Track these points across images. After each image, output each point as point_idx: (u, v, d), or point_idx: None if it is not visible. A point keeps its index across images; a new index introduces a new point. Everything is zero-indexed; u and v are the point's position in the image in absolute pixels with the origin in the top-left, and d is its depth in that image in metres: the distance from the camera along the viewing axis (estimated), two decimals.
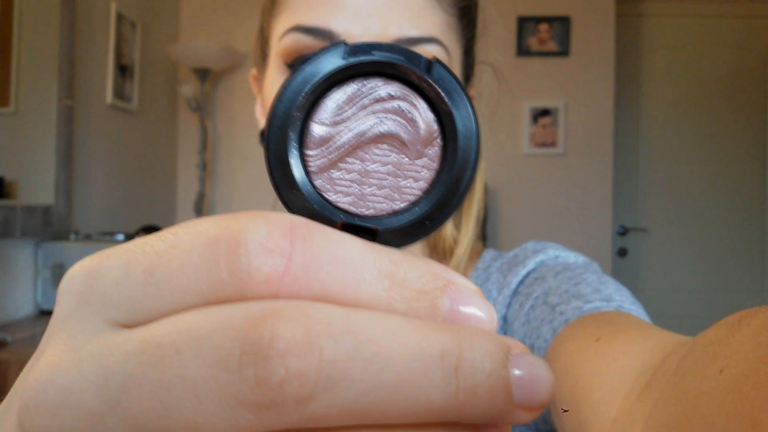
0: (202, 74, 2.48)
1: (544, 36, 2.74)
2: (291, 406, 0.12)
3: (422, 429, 0.13)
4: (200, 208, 2.57)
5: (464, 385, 0.13)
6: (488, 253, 0.60)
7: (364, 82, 0.17)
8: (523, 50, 2.74)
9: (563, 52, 2.73)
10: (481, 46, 0.58)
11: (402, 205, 0.17)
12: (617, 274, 2.91)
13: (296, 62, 0.49)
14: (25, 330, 1.50)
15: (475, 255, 0.60)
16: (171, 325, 0.13)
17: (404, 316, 0.14)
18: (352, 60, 0.17)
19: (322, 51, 0.17)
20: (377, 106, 0.17)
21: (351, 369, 0.12)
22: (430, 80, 0.17)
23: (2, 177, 1.61)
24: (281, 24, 0.51)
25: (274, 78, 0.52)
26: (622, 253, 3.02)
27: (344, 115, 0.17)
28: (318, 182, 0.17)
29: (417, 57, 0.17)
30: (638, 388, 0.27)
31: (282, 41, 0.50)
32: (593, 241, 2.71)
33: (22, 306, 1.67)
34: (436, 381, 0.13)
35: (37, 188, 1.71)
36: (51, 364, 0.14)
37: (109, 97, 2.07)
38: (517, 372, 0.13)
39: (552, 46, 2.74)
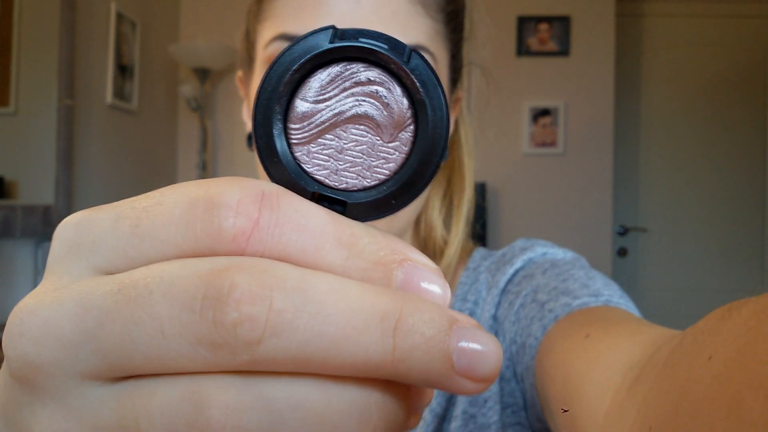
0: (202, 74, 2.48)
1: (544, 36, 2.74)
2: (242, 347, 0.14)
3: (362, 382, 0.15)
4: None
5: (401, 344, 0.14)
6: (478, 252, 0.60)
7: (347, 66, 0.19)
8: (523, 50, 2.74)
9: (563, 51, 2.73)
10: (471, 47, 0.58)
11: (372, 183, 0.19)
12: (617, 274, 2.91)
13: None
14: None
15: (465, 254, 0.60)
16: (147, 270, 0.15)
17: (356, 281, 0.15)
18: (338, 44, 0.18)
19: (312, 33, 0.18)
20: (357, 89, 0.19)
21: (297, 319, 0.14)
22: (407, 70, 0.18)
23: (2, 177, 1.61)
24: (267, 30, 0.50)
25: None
26: (622, 252, 3.02)
27: (327, 95, 0.19)
28: (298, 154, 0.19)
29: (400, 46, 0.18)
30: (628, 382, 0.28)
31: (267, 49, 0.50)
32: (593, 241, 2.71)
33: None
34: (374, 338, 0.14)
35: (37, 188, 1.72)
36: (36, 298, 0.16)
37: (109, 97, 2.08)
38: (460, 343, 0.15)
39: (552, 45, 2.74)
